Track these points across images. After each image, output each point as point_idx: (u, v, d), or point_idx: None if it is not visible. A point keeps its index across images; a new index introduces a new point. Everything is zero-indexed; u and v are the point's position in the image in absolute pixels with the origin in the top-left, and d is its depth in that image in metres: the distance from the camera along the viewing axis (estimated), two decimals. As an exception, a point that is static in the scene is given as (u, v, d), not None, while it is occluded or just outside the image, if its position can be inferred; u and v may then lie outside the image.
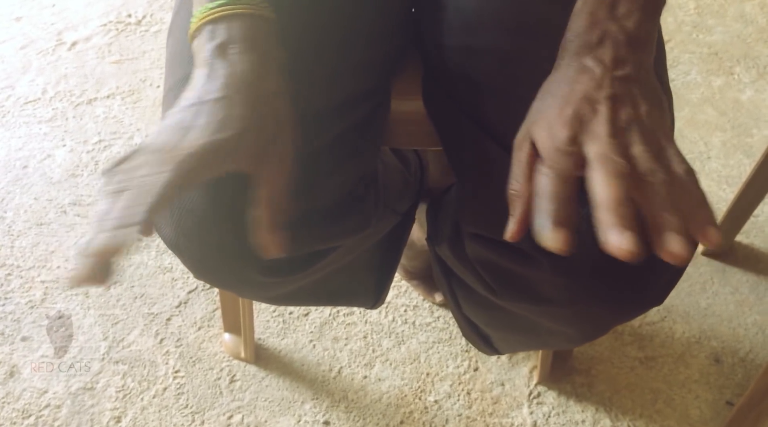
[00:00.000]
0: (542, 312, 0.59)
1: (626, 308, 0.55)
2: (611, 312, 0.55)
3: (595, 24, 0.47)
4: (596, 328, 0.60)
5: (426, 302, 1.07)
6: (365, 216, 0.59)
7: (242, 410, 0.96)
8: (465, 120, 0.58)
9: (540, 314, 0.59)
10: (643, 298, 0.54)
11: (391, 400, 0.97)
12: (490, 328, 0.72)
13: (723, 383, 0.99)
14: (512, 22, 0.57)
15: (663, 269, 0.53)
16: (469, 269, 0.61)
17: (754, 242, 1.14)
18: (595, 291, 0.53)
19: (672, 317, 1.06)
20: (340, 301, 0.73)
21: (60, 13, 1.53)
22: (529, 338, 0.70)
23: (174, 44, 0.60)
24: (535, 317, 0.61)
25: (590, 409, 0.96)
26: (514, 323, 0.66)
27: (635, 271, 0.51)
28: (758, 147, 1.27)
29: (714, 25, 1.52)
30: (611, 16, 0.47)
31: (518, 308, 0.60)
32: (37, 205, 1.18)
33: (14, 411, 0.95)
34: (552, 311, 0.57)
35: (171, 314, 1.05)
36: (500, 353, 0.78)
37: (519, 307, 0.59)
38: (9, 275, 1.09)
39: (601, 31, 0.47)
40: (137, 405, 0.96)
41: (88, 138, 1.28)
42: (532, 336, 0.68)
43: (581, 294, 0.53)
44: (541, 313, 0.59)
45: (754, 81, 1.39)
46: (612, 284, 0.52)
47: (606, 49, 0.46)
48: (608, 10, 0.47)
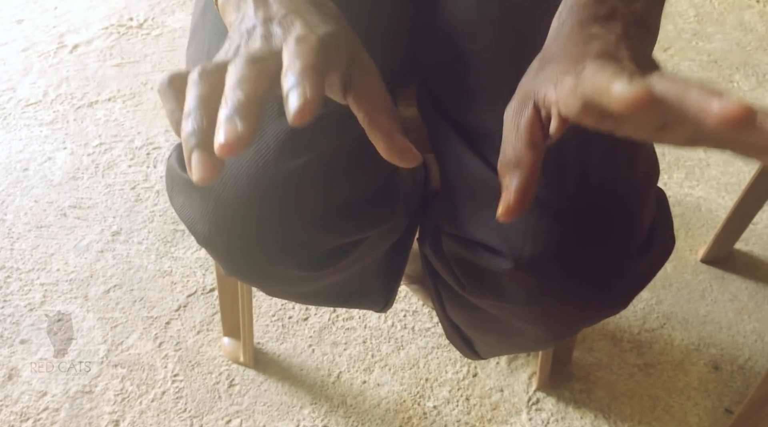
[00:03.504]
0: (510, 310, 0.59)
1: (590, 308, 0.55)
2: (576, 312, 0.56)
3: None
4: (563, 328, 0.60)
5: (425, 307, 1.07)
6: (391, 208, 0.60)
7: (241, 415, 0.96)
8: (448, 125, 0.58)
9: (509, 312, 0.60)
10: (608, 299, 0.54)
11: (390, 405, 0.97)
12: (470, 330, 0.73)
13: (722, 391, 0.99)
14: (505, 26, 0.57)
15: (627, 271, 0.53)
16: (445, 265, 0.62)
17: (753, 250, 1.15)
18: (560, 290, 0.53)
19: (671, 324, 1.06)
20: (354, 302, 0.73)
21: (62, 16, 1.53)
22: (503, 340, 0.71)
23: (197, 46, 0.61)
24: (506, 317, 0.62)
25: (589, 415, 0.96)
26: (489, 323, 0.67)
27: (601, 272, 0.52)
28: (757, 155, 1.28)
29: (713, 33, 1.52)
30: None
31: (487, 306, 0.61)
32: (37, 207, 1.18)
33: (12, 414, 0.95)
34: (519, 310, 0.58)
35: (170, 317, 1.05)
36: (481, 357, 0.79)
37: (487, 304, 0.60)
38: (8, 278, 1.09)
39: (609, 7, 0.43)
40: (136, 409, 0.96)
41: (88, 141, 1.28)
42: (506, 338, 0.69)
43: (546, 293, 0.53)
44: (509, 311, 0.59)
45: (754, 89, 1.40)
46: (576, 284, 0.53)
47: (616, 24, 0.42)
48: None
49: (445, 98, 0.60)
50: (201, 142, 0.34)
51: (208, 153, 0.34)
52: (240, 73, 0.35)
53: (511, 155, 0.41)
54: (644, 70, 0.38)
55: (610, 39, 0.41)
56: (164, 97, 0.37)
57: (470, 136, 0.57)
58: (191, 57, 0.61)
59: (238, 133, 0.32)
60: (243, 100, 0.33)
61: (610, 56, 0.39)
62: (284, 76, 0.34)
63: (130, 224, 1.16)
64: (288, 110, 0.33)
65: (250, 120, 0.33)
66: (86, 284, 1.08)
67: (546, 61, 0.43)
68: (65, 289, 1.07)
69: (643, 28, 0.43)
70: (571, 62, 0.39)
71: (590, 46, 0.40)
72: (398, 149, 0.38)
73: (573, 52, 0.41)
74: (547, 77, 0.41)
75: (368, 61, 0.41)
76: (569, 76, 0.38)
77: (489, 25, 0.57)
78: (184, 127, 0.34)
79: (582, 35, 0.42)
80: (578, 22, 0.43)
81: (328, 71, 0.37)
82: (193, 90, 0.35)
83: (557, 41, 0.44)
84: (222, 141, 0.32)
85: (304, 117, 0.32)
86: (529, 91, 0.42)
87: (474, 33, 0.58)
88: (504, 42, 0.57)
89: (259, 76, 0.35)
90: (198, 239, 0.56)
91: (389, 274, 0.73)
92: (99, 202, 1.19)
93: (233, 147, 0.32)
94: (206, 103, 0.35)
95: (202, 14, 0.62)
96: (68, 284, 1.08)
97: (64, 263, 1.11)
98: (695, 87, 0.32)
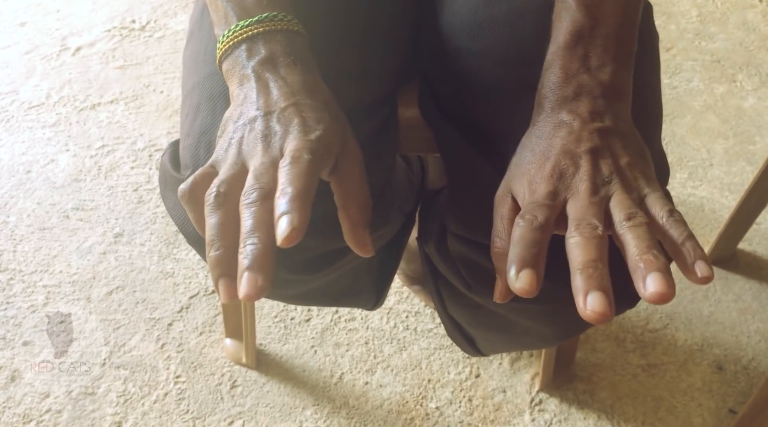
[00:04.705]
0: (516, 309, 0.59)
1: None
2: None
3: (569, 78, 0.47)
4: (570, 327, 0.60)
5: (427, 308, 1.06)
6: (385, 213, 0.60)
7: (243, 416, 0.96)
8: (454, 126, 0.58)
9: (515, 311, 0.60)
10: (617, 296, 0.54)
11: (392, 406, 0.97)
12: (472, 328, 0.73)
13: (726, 391, 0.99)
14: (513, 27, 0.57)
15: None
16: (450, 266, 0.62)
17: (757, 250, 1.14)
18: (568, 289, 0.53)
19: (674, 325, 1.05)
20: (345, 301, 0.73)
21: (64, 19, 1.54)
22: (507, 338, 0.71)
23: (194, 47, 0.61)
24: (512, 316, 0.61)
25: (592, 416, 0.96)
26: (493, 322, 0.67)
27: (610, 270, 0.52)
28: (761, 154, 1.27)
29: (716, 33, 1.52)
30: (585, 69, 0.47)
31: (493, 305, 0.60)
32: (39, 209, 1.18)
33: (15, 416, 0.95)
34: (526, 309, 0.58)
35: (172, 319, 1.05)
36: (483, 354, 0.79)
37: (493, 303, 0.60)
38: (11, 280, 1.09)
39: (576, 85, 0.47)
40: (138, 410, 0.96)
41: (91, 143, 1.28)
42: (510, 335, 0.69)
43: (554, 292, 0.53)
44: (516, 310, 0.59)
45: (757, 89, 1.39)
46: None
47: (582, 103, 0.46)
48: (581, 63, 0.47)
49: (449, 98, 0.60)
50: (225, 271, 0.40)
51: (231, 279, 0.39)
52: (255, 218, 0.39)
53: (499, 245, 0.44)
54: (611, 142, 0.45)
55: (575, 127, 0.45)
56: (188, 206, 0.43)
57: (475, 137, 0.56)
58: (189, 58, 0.61)
59: (258, 286, 0.38)
60: (260, 250, 0.38)
61: (569, 154, 0.44)
62: (277, 199, 0.40)
63: (132, 226, 1.16)
64: (277, 233, 0.38)
65: (267, 269, 0.38)
66: (89, 286, 1.08)
67: (524, 148, 0.48)
68: (68, 291, 1.08)
69: (613, 96, 0.47)
70: (540, 161, 0.45)
71: (555, 142, 0.45)
72: (357, 241, 0.44)
73: (541, 149, 0.46)
74: (524, 173, 0.46)
75: (354, 150, 0.46)
76: (534, 187, 0.44)
77: (496, 25, 0.57)
78: (209, 255, 0.40)
79: (551, 123, 0.47)
80: (550, 108, 0.47)
81: (319, 169, 0.43)
82: (212, 218, 0.41)
83: (533, 129, 0.48)
84: (244, 293, 0.38)
85: (291, 242, 0.38)
86: (510, 184, 0.47)
87: (480, 33, 0.58)
88: (511, 43, 0.56)
89: (269, 217, 0.40)
90: (188, 238, 0.56)
91: (381, 273, 0.73)
92: (101, 204, 1.19)
93: (254, 297, 0.38)
94: (224, 231, 0.40)
95: (200, 16, 0.62)
96: (71, 286, 1.08)
97: (67, 264, 1.11)
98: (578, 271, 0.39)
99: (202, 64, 0.58)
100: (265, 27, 0.48)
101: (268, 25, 0.48)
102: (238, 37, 0.48)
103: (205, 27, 0.60)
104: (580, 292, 0.38)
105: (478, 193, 0.54)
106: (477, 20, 0.58)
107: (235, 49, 0.48)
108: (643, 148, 0.47)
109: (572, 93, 0.47)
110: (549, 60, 0.49)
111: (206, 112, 0.55)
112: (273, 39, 0.48)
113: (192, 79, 0.59)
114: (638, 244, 0.39)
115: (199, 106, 0.56)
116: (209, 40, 0.58)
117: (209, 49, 0.58)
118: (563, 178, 0.44)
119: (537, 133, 0.47)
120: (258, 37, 0.48)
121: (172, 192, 0.56)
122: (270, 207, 0.40)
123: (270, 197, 0.40)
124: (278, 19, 0.49)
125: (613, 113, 0.46)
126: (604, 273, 0.39)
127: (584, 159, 0.44)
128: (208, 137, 0.53)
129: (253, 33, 0.48)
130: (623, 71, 0.48)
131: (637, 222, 0.40)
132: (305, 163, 0.41)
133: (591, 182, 0.43)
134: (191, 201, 0.43)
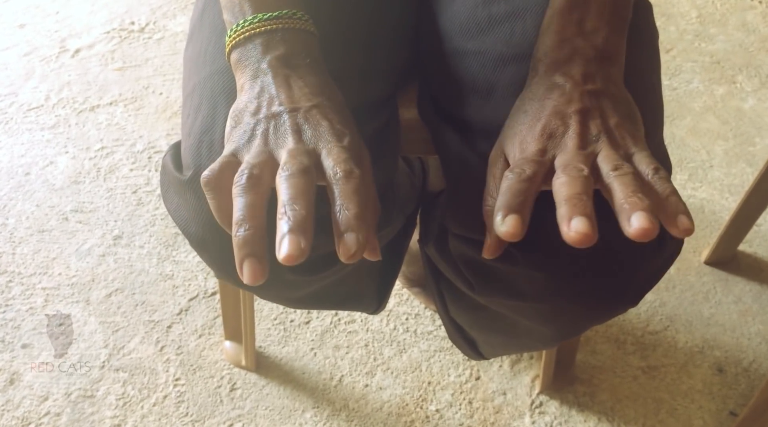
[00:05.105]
0: (519, 308, 0.59)
1: (601, 305, 0.55)
2: (586, 310, 0.56)
3: (563, 42, 0.49)
4: (572, 326, 0.60)
5: (427, 310, 1.06)
6: (387, 213, 0.60)
7: (243, 419, 0.95)
8: (451, 126, 0.58)
9: (517, 310, 0.60)
10: (619, 296, 0.54)
11: (392, 409, 0.97)
12: (474, 330, 0.73)
13: (726, 393, 0.99)
14: (512, 26, 0.57)
15: (640, 268, 0.53)
16: (451, 266, 0.62)
17: (757, 251, 1.14)
18: (571, 287, 0.53)
19: (675, 327, 1.05)
20: (348, 305, 0.73)
21: (63, 21, 1.54)
22: (509, 340, 0.71)
23: (195, 47, 0.60)
24: (514, 316, 0.61)
25: (592, 419, 0.96)
26: (494, 323, 0.67)
27: (612, 269, 0.52)
28: (761, 156, 1.27)
29: (716, 34, 1.52)
30: (579, 33, 0.49)
31: (496, 305, 0.60)
32: (38, 212, 1.18)
33: (14, 418, 0.95)
34: (528, 308, 0.58)
35: (172, 321, 1.05)
36: (484, 357, 0.79)
37: (496, 303, 0.60)
38: (10, 282, 1.09)
39: (570, 48, 0.48)
40: (137, 413, 0.95)
41: (90, 145, 1.28)
42: (512, 337, 0.69)
43: (557, 290, 0.53)
44: (518, 309, 0.59)
45: (757, 90, 1.39)
46: (588, 281, 0.53)
47: (575, 66, 0.48)
48: (576, 27, 0.49)
49: (448, 99, 0.60)
50: (252, 251, 0.38)
51: (258, 259, 0.38)
52: (296, 188, 0.39)
53: (490, 203, 0.45)
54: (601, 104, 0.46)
55: (566, 89, 0.47)
56: (211, 193, 0.42)
57: (474, 137, 0.56)
58: (189, 59, 0.61)
59: (302, 248, 0.37)
60: (302, 216, 0.38)
61: (559, 115, 0.46)
62: (337, 214, 0.40)
63: (131, 228, 1.16)
64: (342, 251, 0.38)
65: (308, 235, 0.38)
66: (88, 288, 1.08)
67: (517, 110, 0.49)
68: (67, 293, 1.07)
69: (605, 60, 0.49)
70: (532, 121, 0.46)
71: (547, 103, 0.46)
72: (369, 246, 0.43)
73: (534, 109, 0.47)
74: (516, 133, 0.47)
75: (365, 152, 0.47)
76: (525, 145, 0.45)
77: (496, 24, 0.58)
78: (235, 234, 0.39)
79: (545, 85, 0.48)
80: (543, 71, 0.48)
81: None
82: (243, 198, 0.40)
83: (527, 91, 0.49)
84: (285, 254, 0.37)
85: (355, 258, 0.38)
86: (502, 145, 0.47)
87: (480, 32, 0.58)
88: (511, 42, 0.57)
89: (311, 189, 0.40)
90: (191, 240, 0.56)
91: (383, 276, 0.73)
92: (100, 206, 1.19)
93: (295, 259, 0.37)
94: (253, 213, 0.39)
95: (201, 16, 0.62)
96: (70, 288, 1.08)
97: (66, 267, 1.11)
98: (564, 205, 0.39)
99: (202, 64, 0.58)
100: (284, 24, 0.48)
101: (287, 23, 0.48)
102: (255, 30, 0.48)
103: (205, 28, 0.60)
104: (565, 219, 0.39)
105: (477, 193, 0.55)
106: (476, 20, 0.58)
107: (248, 41, 0.48)
108: (632, 111, 0.48)
109: (566, 56, 0.48)
110: (545, 24, 0.50)
111: (207, 112, 0.55)
112: (292, 37, 0.48)
113: (192, 79, 0.59)
114: (624, 189, 0.40)
115: (200, 106, 0.56)
116: (210, 40, 0.58)
117: (210, 50, 0.57)
118: (553, 138, 0.45)
119: (530, 96, 0.48)
120: (276, 33, 0.48)
121: (175, 193, 0.56)
122: (309, 180, 0.40)
123: (308, 172, 0.41)
124: (297, 17, 0.49)
125: (604, 76, 0.47)
126: (589, 204, 0.39)
127: (574, 119, 0.45)
128: (210, 137, 0.53)
129: (271, 28, 0.48)
130: (617, 36, 0.49)
131: (624, 171, 0.41)
132: (357, 179, 0.41)
133: (579, 139, 0.44)
134: (216, 188, 0.42)
